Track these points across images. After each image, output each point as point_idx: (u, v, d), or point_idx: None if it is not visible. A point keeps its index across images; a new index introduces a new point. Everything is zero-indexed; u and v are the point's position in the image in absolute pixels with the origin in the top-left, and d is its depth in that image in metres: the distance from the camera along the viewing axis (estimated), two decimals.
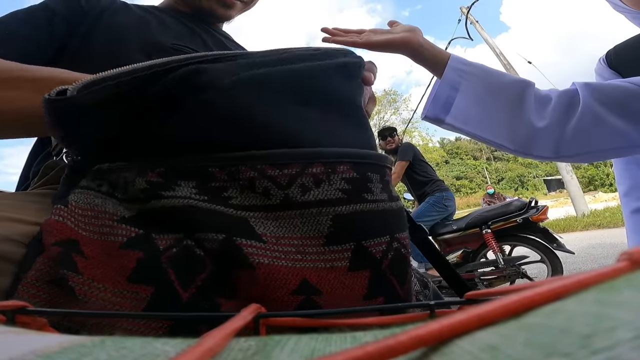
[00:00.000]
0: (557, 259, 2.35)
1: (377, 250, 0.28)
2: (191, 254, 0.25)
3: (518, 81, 0.57)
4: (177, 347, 0.09)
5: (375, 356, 0.07)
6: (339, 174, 0.28)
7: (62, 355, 0.09)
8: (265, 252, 0.26)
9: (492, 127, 0.57)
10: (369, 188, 0.29)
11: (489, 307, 0.08)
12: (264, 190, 0.27)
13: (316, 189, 0.27)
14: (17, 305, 0.16)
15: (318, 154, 0.28)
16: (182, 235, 0.26)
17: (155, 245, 0.25)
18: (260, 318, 0.17)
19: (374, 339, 0.10)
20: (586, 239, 4.93)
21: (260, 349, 0.10)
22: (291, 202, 0.27)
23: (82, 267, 0.25)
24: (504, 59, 9.59)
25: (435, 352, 0.08)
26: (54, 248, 0.25)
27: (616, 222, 6.13)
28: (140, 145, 0.28)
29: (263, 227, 0.27)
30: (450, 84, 0.57)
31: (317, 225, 0.27)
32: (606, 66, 0.84)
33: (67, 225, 0.26)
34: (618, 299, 0.08)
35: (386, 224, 0.29)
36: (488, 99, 0.56)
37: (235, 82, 0.28)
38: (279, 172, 0.27)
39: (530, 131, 0.55)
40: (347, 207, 0.28)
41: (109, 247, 0.25)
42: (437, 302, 0.17)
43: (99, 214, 0.26)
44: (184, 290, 0.25)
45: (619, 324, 0.06)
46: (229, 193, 0.27)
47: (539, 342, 0.07)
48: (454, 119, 0.58)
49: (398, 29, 0.60)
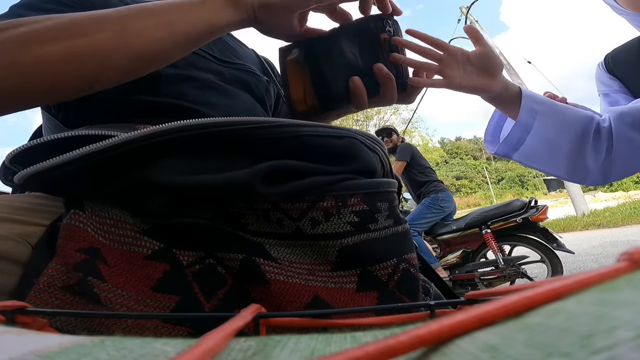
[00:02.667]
0: (557, 258, 2.34)
1: (382, 274, 0.30)
2: (213, 271, 0.27)
3: (582, 117, 0.59)
4: (177, 347, 0.09)
5: (375, 356, 0.07)
6: (349, 207, 0.30)
7: (62, 355, 0.09)
8: (280, 271, 0.28)
9: (555, 165, 0.61)
10: (376, 219, 0.31)
11: (489, 307, 0.08)
12: (277, 220, 0.29)
13: (325, 223, 0.29)
14: (17, 305, 0.16)
15: (329, 188, 0.29)
16: (203, 254, 0.28)
17: (178, 260, 0.27)
18: (260, 318, 0.17)
19: (374, 339, 0.10)
20: (586, 238, 4.93)
21: (260, 349, 0.10)
22: (302, 233, 0.29)
23: (106, 275, 0.25)
24: (504, 59, 9.59)
25: (435, 352, 0.08)
26: (78, 254, 0.25)
27: (616, 221, 6.13)
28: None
29: (277, 252, 0.29)
30: (523, 127, 0.58)
31: (325, 255, 0.29)
32: (604, 71, 0.84)
33: (88, 232, 0.26)
34: (618, 299, 0.07)
35: (392, 248, 0.31)
36: (554, 139, 0.59)
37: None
38: (291, 206, 0.29)
39: (586, 171, 0.60)
40: (352, 239, 0.29)
41: (133, 257, 0.26)
42: (437, 302, 0.17)
43: (119, 224, 0.27)
44: (207, 301, 0.26)
45: (619, 324, 0.06)
46: (245, 220, 0.29)
47: (539, 342, 0.07)
48: (520, 156, 0.61)
49: (479, 60, 0.52)
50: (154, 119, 0.38)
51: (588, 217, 7.29)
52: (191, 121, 0.27)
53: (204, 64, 0.44)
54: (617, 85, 0.81)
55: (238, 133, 0.28)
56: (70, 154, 0.25)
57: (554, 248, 2.32)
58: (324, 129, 0.31)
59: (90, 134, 0.26)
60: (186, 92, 0.40)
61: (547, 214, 2.43)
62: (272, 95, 0.55)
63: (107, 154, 0.26)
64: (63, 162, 0.25)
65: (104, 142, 0.25)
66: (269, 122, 0.29)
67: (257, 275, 0.27)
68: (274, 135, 0.29)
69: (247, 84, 0.48)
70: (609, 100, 0.82)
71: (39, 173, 0.25)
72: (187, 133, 0.27)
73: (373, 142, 0.34)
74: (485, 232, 2.45)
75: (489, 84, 0.53)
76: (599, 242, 4.44)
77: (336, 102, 0.41)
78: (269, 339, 0.10)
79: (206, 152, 0.29)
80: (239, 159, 0.29)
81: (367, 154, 0.32)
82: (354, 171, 0.31)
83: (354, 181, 0.31)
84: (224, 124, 0.28)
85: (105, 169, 0.26)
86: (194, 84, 0.42)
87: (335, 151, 0.31)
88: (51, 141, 0.26)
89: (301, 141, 0.29)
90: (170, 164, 0.27)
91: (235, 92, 0.45)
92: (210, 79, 0.43)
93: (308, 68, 0.42)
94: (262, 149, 0.29)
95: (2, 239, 0.25)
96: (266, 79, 0.53)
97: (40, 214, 0.29)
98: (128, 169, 0.27)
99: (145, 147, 0.26)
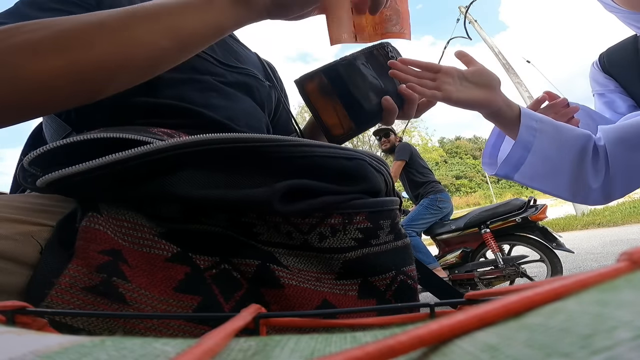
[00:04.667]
0: (556, 258, 2.35)
1: (381, 284, 0.32)
2: (229, 276, 0.29)
3: (581, 136, 0.58)
4: (177, 347, 0.09)
5: (375, 356, 0.07)
6: (354, 224, 0.32)
7: (63, 355, 0.09)
8: (292, 276, 0.30)
9: (557, 185, 0.60)
10: (377, 235, 0.33)
11: (489, 307, 0.08)
12: (287, 232, 0.31)
13: (332, 238, 0.31)
14: (17, 305, 0.16)
15: (338, 206, 0.31)
16: (218, 259, 0.29)
17: (196, 264, 0.28)
18: (260, 318, 0.17)
19: (374, 339, 0.10)
20: (586, 237, 4.94)
21: (260, 349, 0.10)
22: (309, 246, 0.31)
23: (129, 275, 0.26)
24: (503, 58, 9.59)
25: (435, 352, 0.08)
26: (100, 256, 0.26)
27: (616, 220, 6.14)
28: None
29: (286, 261, 0.30)
30: (523, 146, 0.57)
31: (330, 266, 0.31)
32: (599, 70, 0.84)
33: (108, 234, 0.27)
34: (618, 299, 0.08)
35: (391, 261, 0.33)
36: (555, 157, 0.58)
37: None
38: (301, 220, 0.31)
39: (587, 190, 0.60)
40: (355, 253, 0.31)
41: (153, 259, 0.27)
42: (437, 302, 0.18)
43: (136, 226, 0.28)
44: (226, 302, 0.28)
45: (619, 324, 0.06)
46: (257, 230, 0.30)
47: (539, 342, 0.07)
48: (522, 177, 0.59)
49: (475, 76, 0.55)
50: (156, 120, 0.38)
51: (588, 216, 7.30)
52: (226, 135, 0.28)
53: (206, 66, 0.44)
54: (613, 84, 0.81)
55: (257, 149, 0.29)
56: (99, 161, 0.25)
57: (553, 247, 2.32)
58: (336, 150, 0.33)
59: (112, 137, 0.27)
60: (187, 94, 0.40)
61: (547, 213, 2.43)
62: (273, 101, 0.55)
63: (137, 162, 0.26)
64: (91, 168, 0.25)
65: (138, 150, 0.26)
66: (285, 140, 0.30)
67: (272, 280, 0.29)
68: (290, 154, 0.30)
69: (249, 88, 0.48)
70: (604, 101, 0.82)
71: (62, 177, 0.25)
72: (216, 146, 0.28)
73: (379, 163, 0.36)
74: (485, 232, 2.45)
75: (487, 97, 0.54)
76: (598, 241, 4.45)
77: (371, 122, 0.45)
78: (269, 339, 0.11)
79: (220, 165, 0.29)
80: (255, 175, 0.30)
81: (374, 176, 0.34)
82: (361, 191, 0.33)
83: (360, 200, 0.33)
84: (253, 140, 0.29)
85: (125, 175, 0.27)
86: (195, 86, 0.42)
87: (345, 172, 0.33)
88: (70, 144, 0.27)
89: (314, 161, 0.31)
90: (187, 176, 0.28)
91: (236, 95, 0.45)
92: (212, 81, 0.43)
93: (337, 95, 0.44)
94: (277, 165, 0.30)
95: (2, 239, 0.25)
96: (268, 84, 0.54)
97: (41, 213, 0.29)
98: (147, 176, 0.27)
99: (170, 156, 0.27)
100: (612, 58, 0.81)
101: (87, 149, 0.26)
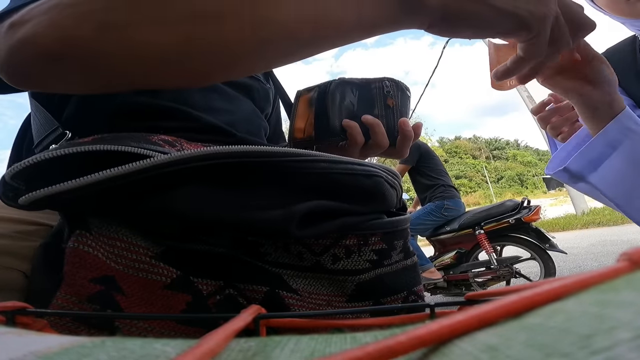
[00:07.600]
0: (550, 259, 2.34)
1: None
2: (235, 302, 0.27)
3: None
4: (177, 348, 0.09)
5: (375, 357, 0.07)
6: (369, 245, 0.30)
7: (63, 356, 0.09)
8: (302, 303, 0.28)
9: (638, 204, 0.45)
10: (390, 255, 0.32)
11: (489, 307, 0.08)
12: (298, 253, 0.29)
13: (346, 260, 0.29)
14: (17, 306, 0.16)
15: (354, 227, 0.30)
16: (222, 283, 0.27)
17: (198, 289, 0.26)
18: (260, 319, 0.17)
19: (374, 339, 0.10)
20: (586, 237, 4.93)
21: (260, 349, 0.10)
22: (322, 267, 0.29)
23: (125, 306, 0.24)
24: None
25: (435, 352, 0.08)
26: (91, 285, 0.23)
27: (615, 220, 6.14)
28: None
29: (296, 284, 0.29)
30: (608, 140, 0.45)
31: (342, 288, 0.30)
32: None
33: (99, 257, 0.24)
34: (618, 299, 0.08)
35: (403, 282, 0.32)
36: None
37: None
38: (314, 241, 0.29)
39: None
40: (369, 275, 0.30)
41: (151, 285, 0.25)
42: (437, 303, 0.18)
43: (130, 247, 0.25)
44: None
45: (618, 324, 0.06)
46: (264, 249, 0.28)
47: (538, 343, 0.07)
48: (598, 179, 0.46)
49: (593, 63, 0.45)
50: (154, 122, 0.36)
51: (588, 216, 7.30)
52: (237, 148, 0.25)
53: None
54: None
55: (273, 165, 0.26)
56: (93, 177, 0.22)
57: (546, 248, 2.32)
58: (354, 167, 0.30)
59: (107, 150, 0.23)
60: (188, 95, 0.39)
61: (540, 214, 2.42)
62: (271, 103, 0.55)
63: (135, 178, 0.23)
64: (83, 185, 0.22)
65: (136, 165, 0.22)
66: (303, 155, 0.27)
67: (280, 307, 0.27)
68: (308, 171, 0.28)
69: (250, 89, 0.48)
70: None
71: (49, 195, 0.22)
72: (226, 160, 0.24)
73: (394, 178, 0.35)
74: (479, 233, 2.44)
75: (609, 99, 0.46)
76: (598, 240, 4.45)
77: (331, 137, 0.47)
78: (269, 339, 0.11)
79: (230, 179, 0.26)
80: (270, 193, 0.27)
81: (390, 193, 0.33)
82: (377, 211, 0.32)
83: (378, 221, 0.32)
84: (269, 154, 0.25)
85: (121, 191, 0.23)
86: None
87: (363, 191, 0.31)
88: (61, 157, 0.23)
89: (332, 178, 0.29)
90: (192, 191, 0.25)
91: (237, 97, 0.45)
92: None
93: (315, 106, 0.47)
94: (293, 182, 0.27)
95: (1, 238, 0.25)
96: (268, 86, 0.53)
97: (40, 212, 0.29)
98: (146, 191, 0.24)
99: (175, 171, 0.24)
100: (612, 59, 0.80)
101: (79, 161, 0.23)
